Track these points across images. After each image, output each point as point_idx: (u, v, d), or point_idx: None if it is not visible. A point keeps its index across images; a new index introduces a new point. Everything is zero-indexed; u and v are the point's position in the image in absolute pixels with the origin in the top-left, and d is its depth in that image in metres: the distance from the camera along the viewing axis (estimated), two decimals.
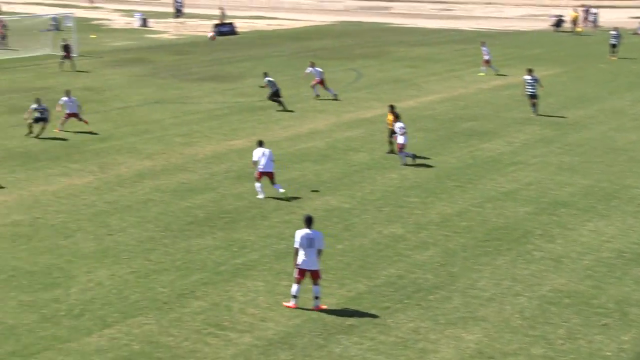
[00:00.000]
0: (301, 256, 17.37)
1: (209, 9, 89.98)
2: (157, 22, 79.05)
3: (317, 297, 17.61)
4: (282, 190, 25.02)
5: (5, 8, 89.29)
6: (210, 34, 53.10)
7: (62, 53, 50.15)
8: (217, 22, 72.61)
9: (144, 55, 57.34)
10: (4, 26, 69.09)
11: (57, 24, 68.87)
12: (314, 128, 34.35)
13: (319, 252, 17.52)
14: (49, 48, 57.83)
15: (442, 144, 31.72)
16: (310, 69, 41.16)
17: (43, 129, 32.40)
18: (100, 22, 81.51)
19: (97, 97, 41.30)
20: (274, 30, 74.12)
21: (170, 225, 22.73)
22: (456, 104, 39.65)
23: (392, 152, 29.54)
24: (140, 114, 37.19)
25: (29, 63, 52.88)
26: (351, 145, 31.49)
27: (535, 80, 36.01)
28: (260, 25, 78.75)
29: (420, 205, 24.47)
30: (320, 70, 41.21)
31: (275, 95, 37.81)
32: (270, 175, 25.06)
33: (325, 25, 78.91)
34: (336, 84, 44.85)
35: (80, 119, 33.30)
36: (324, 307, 17.62)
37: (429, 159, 29.40)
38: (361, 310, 17.53)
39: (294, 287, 17.58)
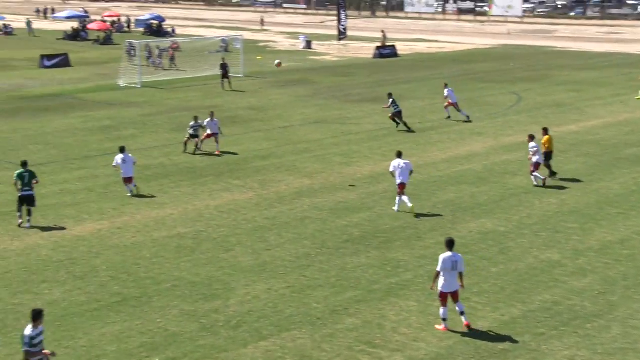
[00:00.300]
0: (442, 280, 17.40)
1: (371, 32, 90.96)
2: (320, 45, 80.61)
3: (462, 313, 17.61)
4: (410, 205, 25.31)
5: (179, 31, 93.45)
6: (277, 62, 53.32)
7: (221, 72, 52.01)
8: (378, 44, 73.27)
9: (307, 76, 58.61)
10: (176, 48, 72.41)
11: (226, 46, 71.45)
12: (472, 150, 34.12)
13: (460, 275, 17.53)
14: (217, 69, 59.98)
15: (604, 169, 30.79)
16: (447, 90, 41.03)
17: (196, 145, 33.71)
18: (267, 44, 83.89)
19: (260, 116, 42.56)
20: (435, 53, 74.07)
21: (326, 242, 23.15)
22: (621, 129, 38.38)
23: (553, 174, 29.18)
24: (301, 134, 38.04)
25: (198, 83, 55.11)
26: (508, 169, 31.07)
27: None
28: (421, 48, 78.88)
29: (579, 231, 23.86)
30: (451, 90, 41.20)
31: (397, 116, 38.23)
32: (402, 186, 25.55)
33: (486, 48, 78.16)
34: (496, 107, 44.42)
35: (217, 142, 34.05)
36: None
37: (589, 184, 28.62)
38: (514, 335, 17.28)
39: (442, 310, 17.59)
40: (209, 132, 34.02)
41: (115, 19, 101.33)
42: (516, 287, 19.80)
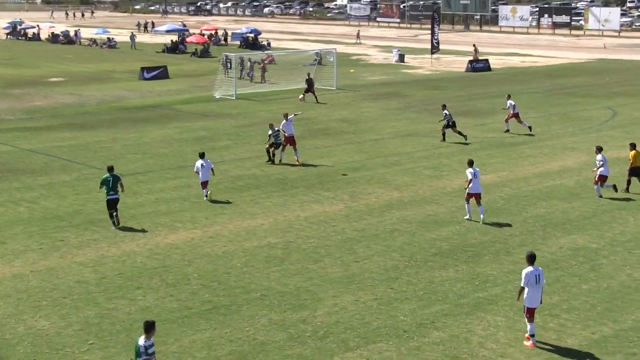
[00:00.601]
0: (527, 294, 17.34)
1: (464, 45, 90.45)
2: (413, 58, 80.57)
3: (533, 335, 17.51)
4: (482, 216, 25.71)
5: (274, 44, 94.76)
6: (300, 97, 53.01)
7: (305, 86, 52.58)
8: (471, 58, 72.84)
9: (399, 89, 58.67)
10: (271, 61, 73.44)
11: (319, 59, 72.12)
12: (564, 165, 33.64)
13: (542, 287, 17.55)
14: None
15: None
16: (509, 102, 40.77)
17: (280, 156, 34.48)
18: (360, 57, 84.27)
19: (352, 128, 42.82)
20: (528, 67, 73.17)
21: (415, 255, 23.19)
22: None
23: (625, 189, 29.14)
24: (392, 146, 38.13)
25: (291, 95, 55.71)
26: None
27: None
28: (515, 62, 78.03)
29: None
30: (514, 103, 40.77)
31: (451, 126, 38.41)
32: (477, 196, 25.87)
33: (581, 62, 76.81)
34: (589, 122, 43.68)
35: (295, 149, 34.60)
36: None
37: None
38: (605, 354, 17.03)
39: (530, 326, 17.48)
40: (286, 134, 34.45)
41: (212, 32, 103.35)
42: (608, 305, 19.47)
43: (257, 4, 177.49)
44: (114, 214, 25.85)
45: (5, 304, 20.00)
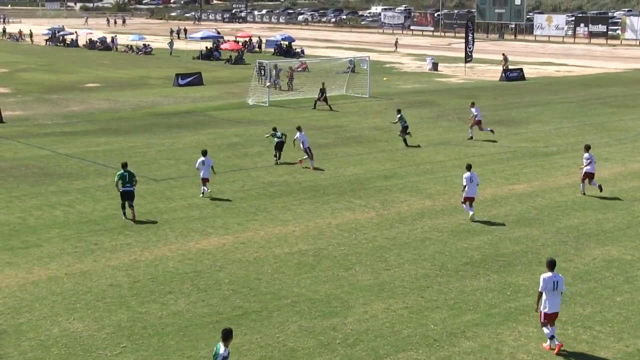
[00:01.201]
0: (546, 299, 17.48)
1: (498, 54, 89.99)
2: (446, 67, 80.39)
3: (553, 337, 17.68)
4: (471, 213, 27.04)
5: (308, 51, 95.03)
6: (299, 160, 53.34)
7: (318, 95, 52.78)
8: (504, 67, 72.51)
9: (432, 97, 58.56)
10: (305, 69, 73.64)
11: (353, 67, 72.18)
12: (598, 176, 33.25)
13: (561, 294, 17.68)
14: (343, 89, 60.88)
15: None
16: (473, 109, 41.67)
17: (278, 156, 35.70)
18: (393, 65, 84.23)
19: (384, 136, 42.80)
20: (562, 77, 72.70)
21: (446, 264, 23.13)
22: None
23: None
24: (424, 155, 38.07)
25: (322, 103, 55.82)
26: (637, 196, 30.27)
27: None
28: (549, 71, 77.56)
29: None
30: (477, 112, 41.52)
31: (403, 132, 39.96)
32: (471, 200, 27.24)
33: (617, 72, 76.16)
34: (625, 133, 43.31)
35: (309, 155, 35.26)
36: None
37: None
38: None
39: (546, 330, 17.63)
40: (302, 147, 35.19)
41: (246, 39, 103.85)
42: None
43: (292, 11, 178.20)
44: (129, 204, 27.47)
45: (40, 305, 20.26)
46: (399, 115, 40.21)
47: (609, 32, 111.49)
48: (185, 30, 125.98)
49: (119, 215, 27.72)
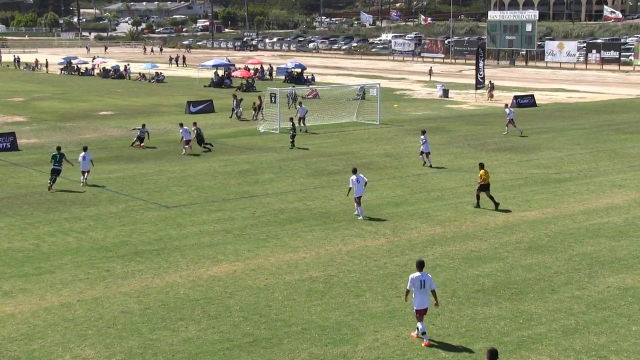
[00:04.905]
0: (415, 297, 19.44)
1: (509, 81, 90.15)
2: (457, 93, 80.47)
3: (424, 333, 19.28)
4: (356, 214, 30.71)
5: (318, 78, 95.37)
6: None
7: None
8: (489, 94, 72.74)
9: (443, 124, 58.57)
10: (315, 96, 73.86)
11: (363, 93, 72.32)
12: (612, 203, 33.23)
13: (433, 292, 19.53)
14: (354, 116, 61.01)
15: None
16: (422, 137, 42.04)
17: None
18: (404, 92, 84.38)
19: (395, 163, 42.81)
20: (575, 103, 72.61)
21: (457, 291, 23.02)
22: None
23: None
24: (435, 181, 38.02)
25: (335, 129, 55.94)
26: None
27: None
28: (561, 97, 77.51)
29: None
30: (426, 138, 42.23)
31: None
32: (358, 199, 30.60)
33: (630, 99, 76.03)
34: (638, 159, 43.14)
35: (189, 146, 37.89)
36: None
37: None
38: None
39: (420, 325, 19.35)
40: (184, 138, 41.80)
41: (257, 66, 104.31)
42: None
43: (302, 39, 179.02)
44: (54, 179, 36.13)
45: (53, 332, 20.27)
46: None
47: (621, 59, 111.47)
48: (184, 58, 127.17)
49: (131, 242, 27.77)
